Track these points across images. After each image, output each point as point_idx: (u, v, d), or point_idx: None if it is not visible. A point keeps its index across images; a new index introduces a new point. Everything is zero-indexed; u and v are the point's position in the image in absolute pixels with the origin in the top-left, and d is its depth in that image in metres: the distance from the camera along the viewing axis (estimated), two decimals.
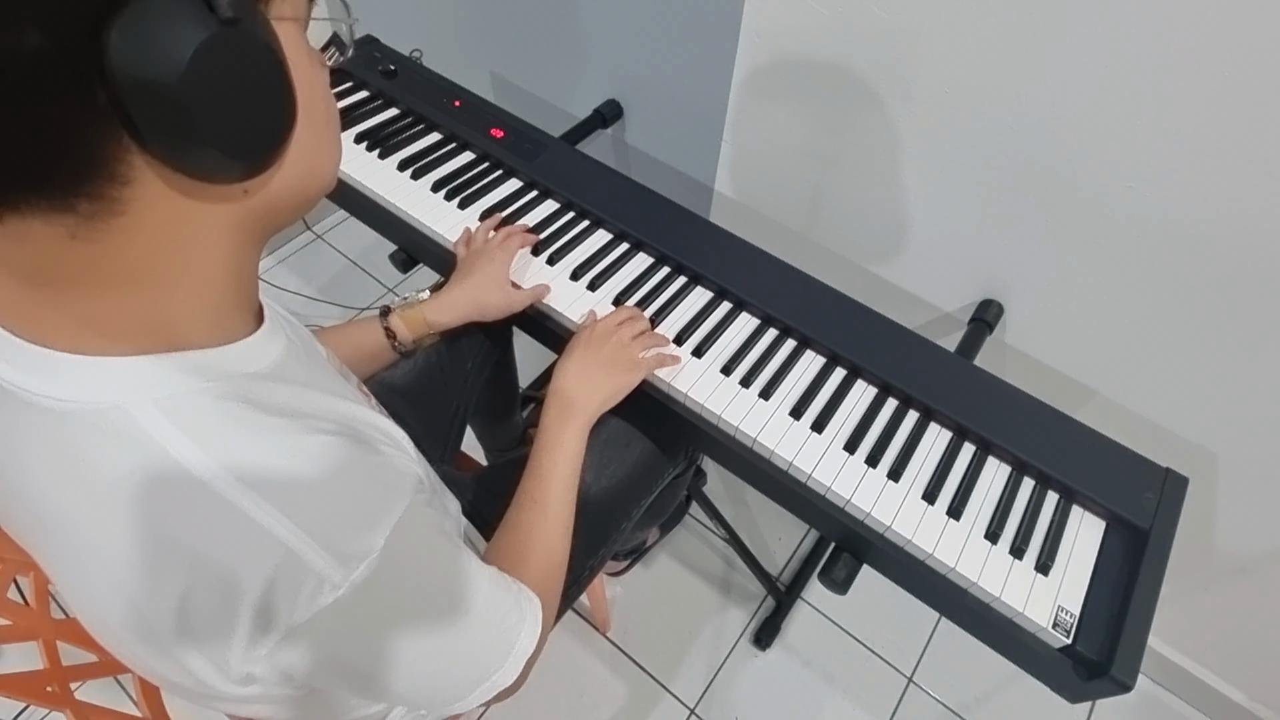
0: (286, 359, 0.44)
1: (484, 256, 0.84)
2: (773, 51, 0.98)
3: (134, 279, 0.36)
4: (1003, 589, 0.67)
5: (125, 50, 0.29)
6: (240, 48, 0.32)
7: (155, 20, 0.29)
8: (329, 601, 0.37)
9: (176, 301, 0.38)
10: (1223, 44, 0.66)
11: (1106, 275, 0.87)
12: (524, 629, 0.52)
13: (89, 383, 0.36)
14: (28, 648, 0.66)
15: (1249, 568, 1.00)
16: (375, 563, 0.38)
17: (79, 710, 0.65)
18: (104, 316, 0.36)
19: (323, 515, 0.37)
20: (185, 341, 0.38)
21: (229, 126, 0.33)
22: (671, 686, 1.23)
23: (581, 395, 0.73)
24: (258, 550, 0.36)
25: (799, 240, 1.15)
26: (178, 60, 0.30)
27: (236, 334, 0.41)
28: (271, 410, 0.39)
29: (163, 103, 0.30)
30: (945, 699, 1.24)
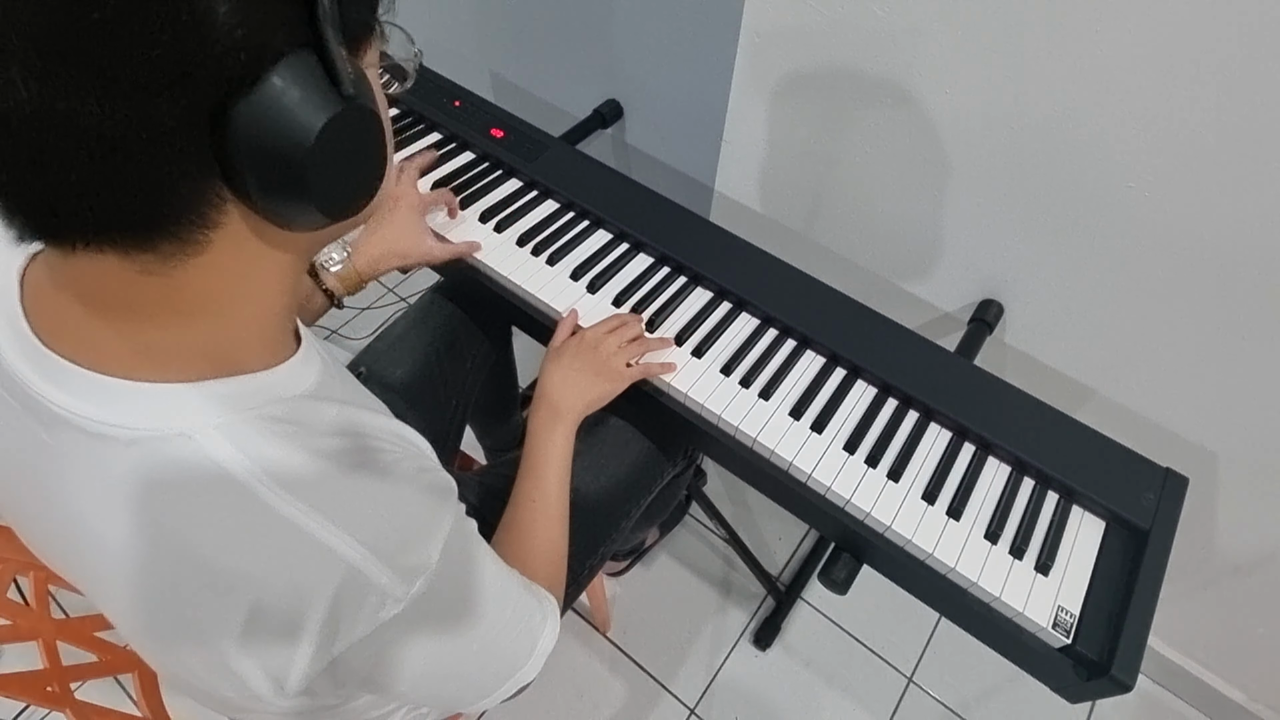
0: (325, 377, 0.44)
1: (404, 202, 0.84)
2: (773, 51, 0.98)
3: (198, 310, 0.36)
4: (1003, 589, 0.67)
5: (250, 126, 0.30)
6: (356, 119, 0.34)
7: (283, 99, 0.31)
8: (391, 615, 0.38)
9: (235, 329, 0.38)
10: (1223, 43, 0.66)
11: (1107, 275, 0.87)
12: (546, 627, 0.54)
13: (152, 410, 0.36)
14: (28, 648, 0.66)
15: (1249, 568, 1.00)
16: (432, 575, 0.40)
17: (79, 710, 0.65)
18: (163, 345, 0.36)
19: (384, 532, 0.38)
20: (239, 366, 0.39)
21: (336, 186, 0.35)
22: (671, 686, 1.23)
23: (566, 400, 0.73)
24: (324, 569, 0.37)
25: (799, 240, 1.15)
26: (304, 137, 0.32)
27: (283, 356, 0.42)
28: (323, 430, 0.40)
29: (280, 172, 0.32)
30: (945, 699, 1.24)
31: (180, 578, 0.37)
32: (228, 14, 0.28)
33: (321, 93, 0.32)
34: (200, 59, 0.28)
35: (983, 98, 0.83)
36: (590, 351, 0.77)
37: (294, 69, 0.31)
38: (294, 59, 0.31)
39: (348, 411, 0.43)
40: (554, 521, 0.68)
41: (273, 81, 0.30)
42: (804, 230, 1.14)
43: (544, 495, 0.69)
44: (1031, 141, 0.82)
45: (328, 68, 0.32)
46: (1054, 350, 0.99)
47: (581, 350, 0.77)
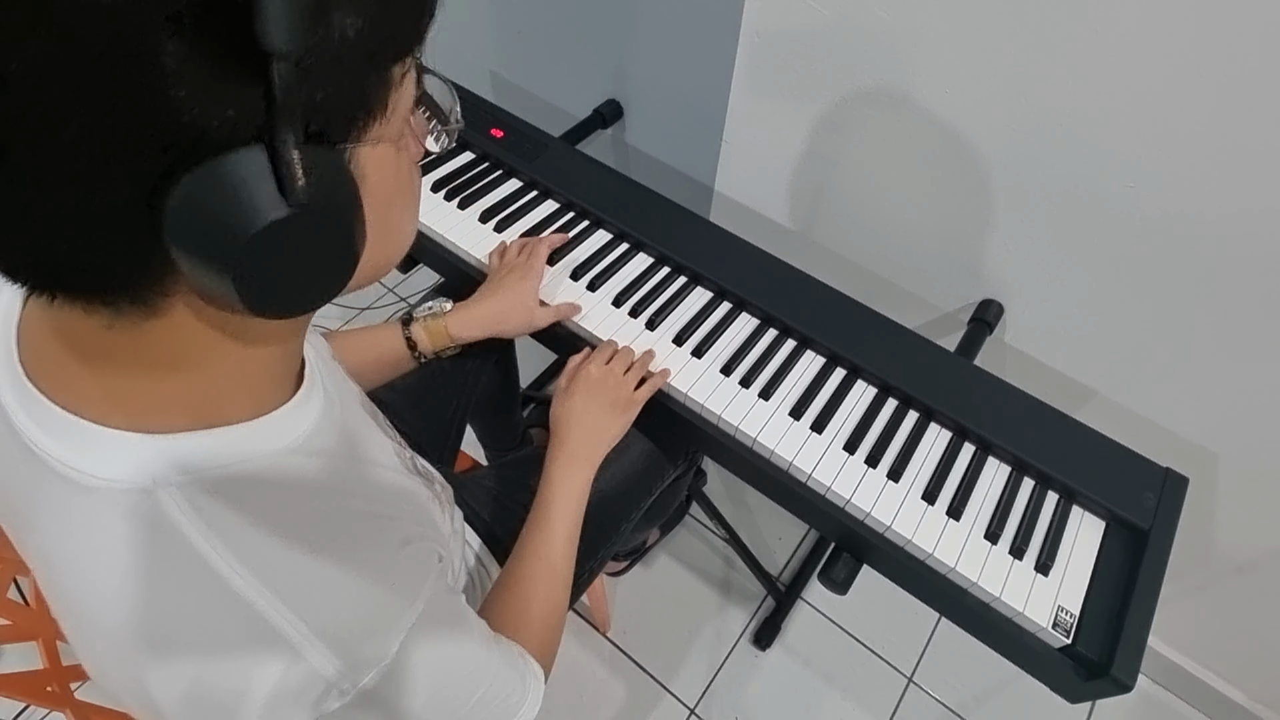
0: (320, 423, 0.42)
1: (516, 272, 0.83)
2: (773, 51, 0.97)
3: (169, 366, 0.35)
4: (1003, 589, 0.67)
5: (183, 212, 0.27)
6: (308, 223, 0.29)
7: (219, 191, 0.27)
8: (334, 707, 0.37)
9: (213, 383, 0.36)
10: (1224, 43, 0.66)
11: (1107, 275, 0.86)
12: (525, 703, 0.52)
13: (117, 460, 0.35)
14: (28, 648, 0.66)
15: (1249, 568, 1.00)
16: (386, 669, 0.38)
17: (79, 710, 0.65)
18: (139, 394, 0.35)
19: (339, 620, 0.37)
20: (219, 416, 0.37)
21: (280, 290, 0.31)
22: (671, 686, 1.23)
23: (587, 445, 0.72)
24: (268, 652, 0.35)
25: (799, 240, 1.15)
26: (236, 240, 0.27)
27: (271, 404, 0.40)
28: (298, 494, 0.39)
29: (216, 269, 0.28)
30: (945, 699, 1.24)
31: (129, 636, 0.36)
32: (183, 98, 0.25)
33: (263, 196, 0.27)
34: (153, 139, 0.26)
35: (983, 97, 0.83)
36: (600, 386, 0.76)
37: (239, 163, 0.27)
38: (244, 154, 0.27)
39: (336, 466, 0.42)
40: (558, 579, 0.66)
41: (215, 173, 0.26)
42: (804, 230, 1.14)
43: (552, 551, 0.66)
44: (1032, 141, 0.82)
45: (276, 169, 0.27)
46: (1054, 350, 0.99)
47: (592, 387, 0.76)
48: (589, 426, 0.73)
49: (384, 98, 0.32)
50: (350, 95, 0.30)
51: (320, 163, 0.29)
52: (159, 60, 0.24)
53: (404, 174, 0.37)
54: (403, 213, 0.39)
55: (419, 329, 0.79)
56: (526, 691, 0.52)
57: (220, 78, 0.25)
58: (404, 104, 0.34)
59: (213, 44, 0.25)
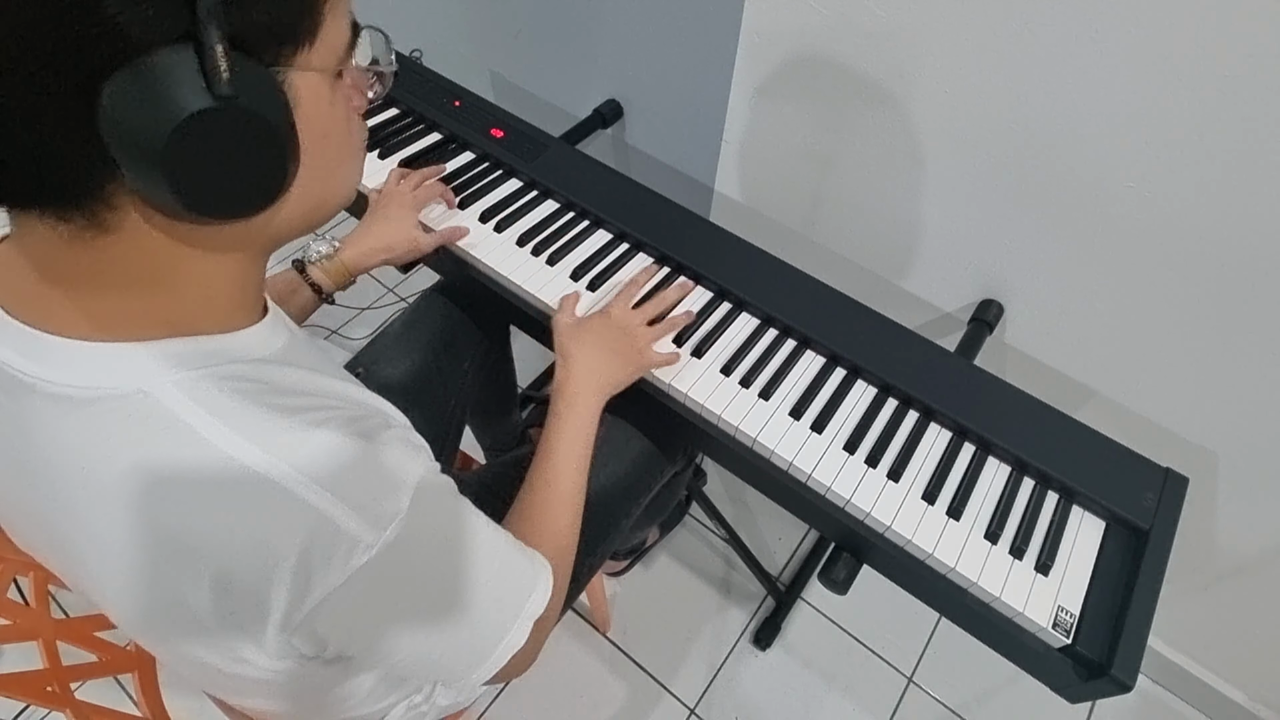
0: (291, 346, 0.45)
1: (395, 201, 0.86)
2: (773, 51, 0.97)
3: (136, 283, 0.37)
4: (1003, 589, 0.67)
5: (116, 107, 0.30)
6: (233, 122, 0.33)
7: (150, 86, 0.30)
8: (362, 562, 0.38)
9: (182, 301, 0.39)
10: (1225, 42, 0.66)
11: (1107, 275, 0.87)
12: (536, 589, 0.52)
13: (110, 369, 0.37)
14: (28, 648, 0.66)
15: (1249, 568, 1.00)
16: (403, 522, 0.39)
17: (79, 710, 0.65)
18: (113, 311, 0.37)
19: (351, 480, 0.38)
20: (195, 329, 0.39)
21: (211, 189, 0.34)
22: (671, 686, 1.23)
23: (590, 382, 0.72)
24: (292, 518, 0.36)
25: (799, 240, 1.15)
26: (162, 128, 0.31)
27: (242, 324, 0.42)
28: (285, 391, 0.40)
29: (144, 160, 0.31)
30: (945, 699, 1.24)
31: (147, 534, 0.37)
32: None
33: (189, 89, 0.31)
34: (79, 39, 0.28)
35: (983, 97, 0.83)
36: (618, 333, 0.76)
37: (166, 60, 0.30)
38: (169, 51, 0.30)
39: (314, 378, 0.44)
40: (567, 507, 0.66)
41: (141, 69, 0.30)
42: (804, 230, 1.14)
43: (559, 479, 0.66)
44: (1032, 141, 0.82)
45: (202, 64, 0.31)
46: (1054, 350, 0.99)
47: (608, 327, 0.76)
48: (593, 363, 0.73)
49: (310, 25, 0.35)
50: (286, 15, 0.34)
51: (245, 66, 0.32)
52: None
53: (339, 113, 0.40)
54: (341, 152, 0.42)
55: (318, 272, 0.80)
56: (536, 576, 0.53)
57: None
58: (334, 38, 0.37)
59: None
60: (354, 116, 0.43)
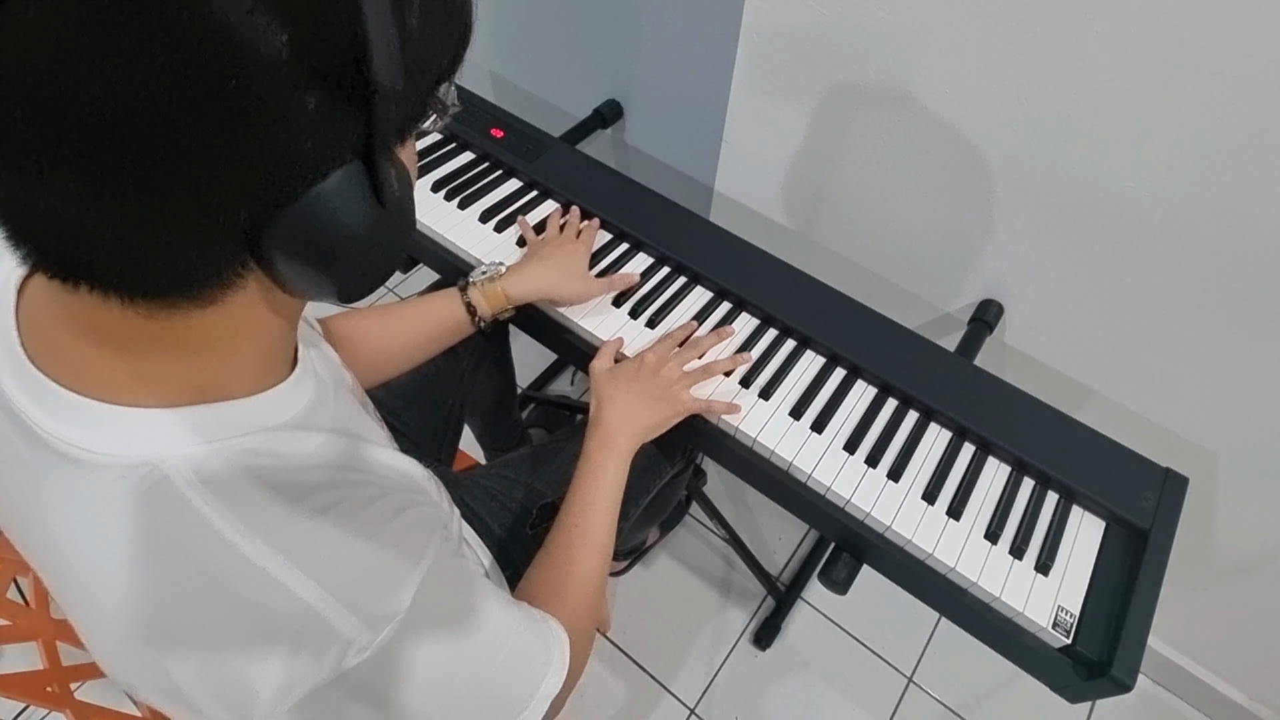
0: (314, 405, 0.44)
1: (566, 245, 0.85)
2: (773, 51, 0.97)
3: (195, 350, 0.36)
4: (1003, 589, 0.67)
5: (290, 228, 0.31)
6: (391, 218, 0.35)
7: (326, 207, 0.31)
8: (355, 664, 0.37)
9: (231, 364, 0.38)
10: (1224, 42, 0.66)
11: (1107, 275, 0.87)
12: (550, 670, 0.51)
13: (122, 436, 0.36)
14: (28, 648, 0.66)
15: (1249, 568, 1.00)
16: (401, 623, 0.38)
17: (79, 710, 0.65)
18: (154, 374, 0.36)
19: (349, 578, 0.37)
20: (223, 392, 0.38)
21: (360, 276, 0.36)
22: (671, 686, 1.23)
23: (625, 426, 0.71)
24: (285, 613, 0.36)
25: (799, 240, 1.15)
26: (339, 239, 0.32)
27: (270, 381, 0.41)
28: (300, 464, 0.40)
29: (312, 263, 0.33)
30: (945, 699, 1.24)
31: (140, 606, 0.36)
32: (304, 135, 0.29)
33: (363, 202, 0.33)
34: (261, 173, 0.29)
35: (983, 97, 0.83)
36: (651, 377, 0.74)
37: (341, 182, 0.32)
38: (342, 171, 0.31)
39: (333, 442, 0.43)
40: (595, 553, 0.64)
41: (318, 193, 0.31)
42: (804, 230, 1.14)
43: (589, 524, 0.65)
44: (1032, 141, 0.82)
45: (373, 179, 0.33)
46: (1054, 350, 0.99)
47: (642, 374, 0.75)
48: (625, 411, 0.72)
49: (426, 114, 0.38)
50: (417, 112, 0.37)
51: (397, 164, 0.35)
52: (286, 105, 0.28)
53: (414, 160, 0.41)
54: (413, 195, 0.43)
55: (477, 293, 0.79)
56: (550, 659, 0.52)
57: (331, 114, 0.29)
58: None
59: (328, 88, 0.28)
60: None
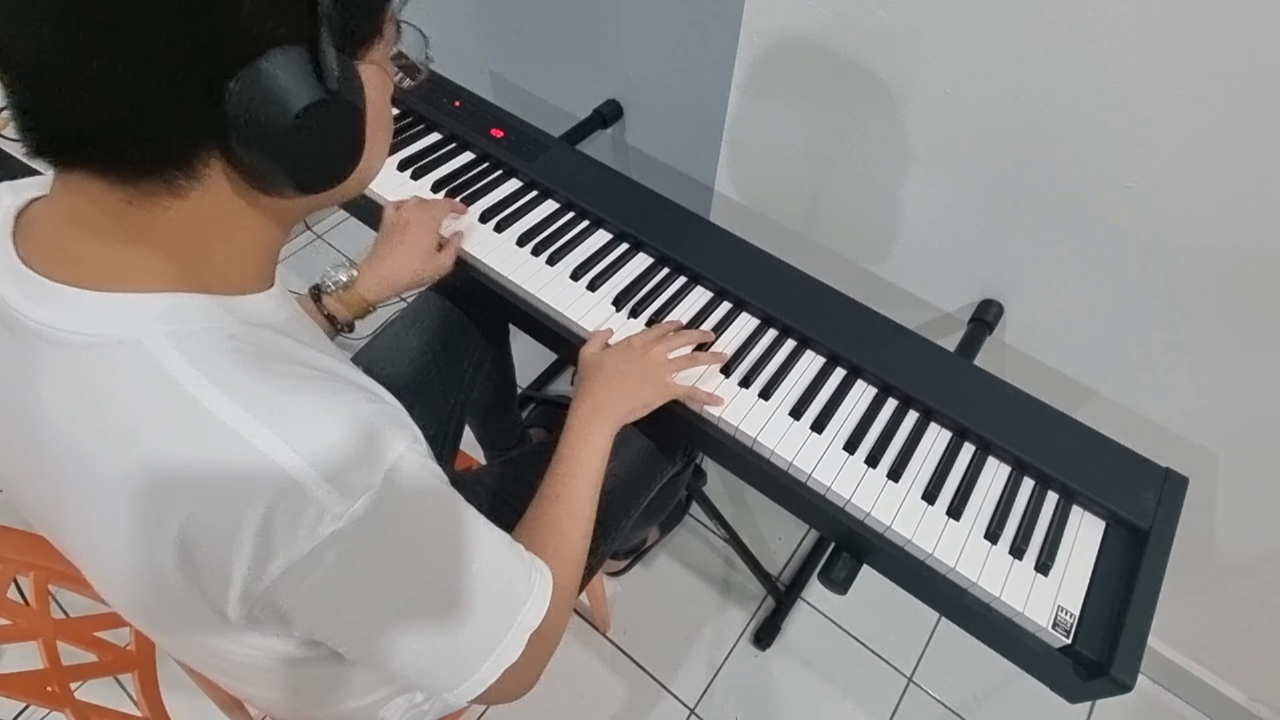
0: (293, 322, 0.47)
1: (414, 226, 0.84)
2: (773, 51, 0.97)
3: (175, 244, 0.40)
4: (1002, 589, 0.67)
5: (241, 97, 0.36)
6: (335, 110, 0.39)
7: (272, 80, 0.36)
8: (328, 532, 0.38)
9: (209, 262, 0.42)
10: (1224, 42, 0.66)
11: (1107, 275, 0.87)
12: (531, 598, 0.50)
13: (110, 317, 0.38)
14: (28, 648, 0.66)
15: (1249, 568, 1.00)
16: (374, 496, 0.39)
17: (79, 710, 0.66)
18: (141, 265, 0.39)
19: (323, 447, 0.38)
20: (206, 288, 0.41)
21: (310, 165, 0.40)
22: (671, 686, 1.23)
23: (610, 400, 0.72)
24: (259, 476, 0.37)
25: (799, 240, 1.15)
26: (283, 116, 0.37)
27: (252, 289, 0.45)
28: (279, 358, 0.42)
29: (261, 142, 0.37)
30: (945, 699, 1.24)
31: (123, 486, 0.38)
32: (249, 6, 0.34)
33: (306, 83, 0.37)
34: (216, 38, 0.34)
35: (983, 97, 0.83)
36: (639, 357, 0.75)
37: (287, 59, 0.36)
38: (289, 50, 0.36)
39: (309, 352, 0.44)
40: (578, 522, 0.65)
41: (266, 66, 0.36)
42: (804, 230, 1.14)
43: (571, 493, 0.65)
44: (1032, 141, 0.82)
45: (316, 62, 0.37)
46: (1054, 350, 0.99)
47: (630, 354, 0.76)
48: (615, 385, 0.73)
49: (382, 23, 0.42)
50: (366, 16, 0.41)
51: (344, 64, 0.39)
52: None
53: (387, 99, 0.46)
54: (386, 134, 0.48)
55: (334, 303, 0.79)
56: (532, 586, 0.51)
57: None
58: (389, 33, 0.44)
59: None
60: (389, 105, 0.47)
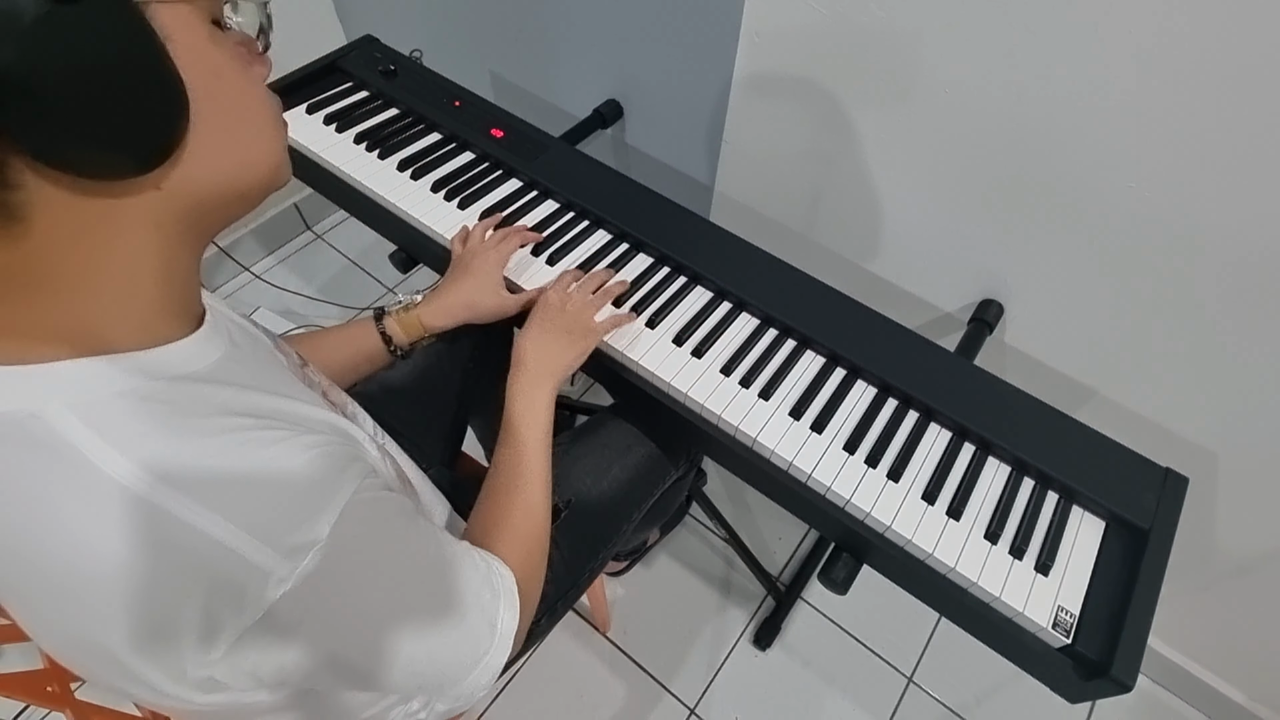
0: (227, 361, 0.42)
1: (480, 257, 0.84)
2: (773, 51, 0.98)
3: (48, 283, 0.34)
4: (1003, 589, 0.67)
5: None
6: (88, 28, 0.30)
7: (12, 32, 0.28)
8: (278, 595, 0.36)
9: (98, 304, 0.36)
10: (1224, 42, 0.66)
11: (1107, 275, 0.87)
12: (501, 605, 0.51)
13: (3, 391, 0.34)
14: (28, 648, 0.66)
15: (1249, 568, 1.00)
16: (323, 551, 0.37)
17: (79, 710, 0.65)
18: (20, 322, 0.35)
19: (257, 510, 0.36)
20: (108, 345, 0.37)
21: (98, 118, 0.31)
22: (671, 686, 1.23)
23: (545, 363, 0.73)
24: (192, 553, 0.34)
25: (799, 240, 1.15)
26: (10, 45, 0.28)
27: (168, 337, 0.39)
28: (201, 411, 0.38)
29: (11, 94, 0.29)
30: (945, 699, 1.24)
31: (49, 572, 0.35)
32: None
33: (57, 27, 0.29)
34: None
35: (983, 97, 0.83)
36: (558, 312, 0.77)
37: None
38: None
39: (246, 395, 0.41)
40: (534, 489, 0.65)
41: None
42: (804, 230, 1.14)
43: (523, 460, 0.67)
44: (1032, 141, 0.82)
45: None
46: (1054, 350, 0.99)
47: (549, 313, 0.77)
48: (543, 351, 0.74)
49: None
50: None
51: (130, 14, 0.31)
52: None
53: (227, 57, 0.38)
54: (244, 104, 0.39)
55: (392, 323, 0.80)
56: (498, 593, 0.52)
57: None
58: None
59: None
60: (256, 79, 0.41)
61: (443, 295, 0.82)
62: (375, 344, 0.80)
